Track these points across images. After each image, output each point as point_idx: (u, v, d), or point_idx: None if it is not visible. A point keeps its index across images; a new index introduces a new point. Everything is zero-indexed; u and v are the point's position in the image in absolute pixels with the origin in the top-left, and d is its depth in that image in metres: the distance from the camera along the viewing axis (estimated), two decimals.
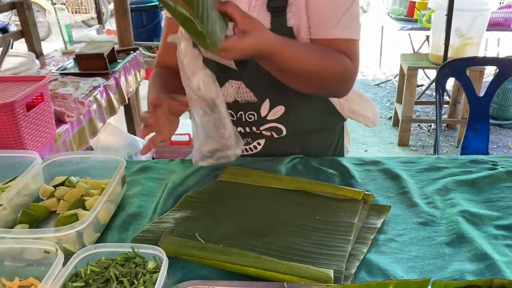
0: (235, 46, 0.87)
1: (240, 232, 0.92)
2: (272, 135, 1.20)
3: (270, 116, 1.16)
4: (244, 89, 1.14)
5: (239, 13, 0.87)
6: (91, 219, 0.88)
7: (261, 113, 1.15)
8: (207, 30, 0.82)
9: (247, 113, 1.16)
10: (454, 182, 1.10)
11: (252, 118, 1.16)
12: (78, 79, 2.02)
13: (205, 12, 0.81)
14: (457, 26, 3.35)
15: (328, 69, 1.02)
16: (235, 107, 1.16)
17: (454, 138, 3.87)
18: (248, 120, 1.16)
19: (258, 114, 1.15)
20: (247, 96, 1.14)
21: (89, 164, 1.15)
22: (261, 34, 0.89)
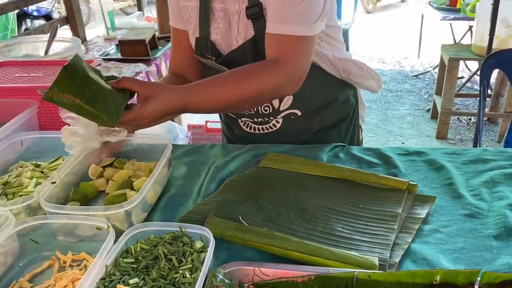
0: (140, 115, 0.94)
1: (282, 217, 0.93)
2: (289, 117, 1.23)
3: (282, 106, 1.20)
4: None
5: (137, 83, 0.97)
6: (140, 199, 0.91)
7: (274, 106, 1.19)
8: (100, 110, 0.89)
9: (262, 106, 1.19)
10: (502, 175, 1.07)
11: (267, 110, 1.20)
12: (120, 65, 2.06)
13: (95, 95, 0.89)
14: (504, 16, 3.23)
15: (253, 89, 1.02)
16: None
17: (495, 132, 3.74)
18: (264, 113, 1.21)
19: (272, 106, 1.19)
20: None
21: (135, 146, 1.19)
22: (163, 96, 0.95)
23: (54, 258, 0.85)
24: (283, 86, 1.04)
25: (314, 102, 1.23)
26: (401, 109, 4.30)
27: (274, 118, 1.23)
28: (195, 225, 0.82)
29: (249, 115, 1.23)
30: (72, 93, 0.88)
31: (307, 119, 1.24)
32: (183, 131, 2.64)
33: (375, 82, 1.27)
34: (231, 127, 1.36)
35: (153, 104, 0.94)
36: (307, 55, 1.05)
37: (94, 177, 1.10)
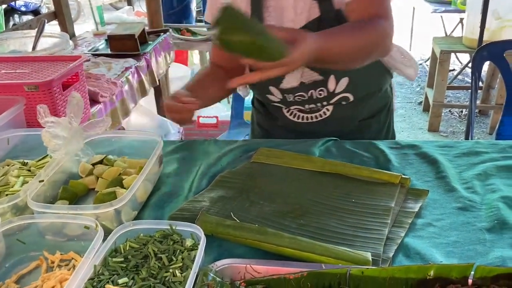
0: (292, 57, 0.87)
1: (274, 213, 0.92)
2: (340, 102, 1.23)
3: (338, 89, 1.19)
4: (307, 71, 1.16)
5: (282, 29, 0.95)
6: (129, 197, 0.89)
7: (329, 88, 1.18)
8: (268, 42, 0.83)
9: (317, 90, 1.19)
10: (494, 167, 1.07)
11: (322, 94, 1.19)
12: (110, 60, 2.04)
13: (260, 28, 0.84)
14: (494, 8, 3.23)
15: (369, 41, 1.03)
16: (303, 88, 1.19)
17: (486, 124, 3.76)
18: (319, 97, 1.20)
19: (327, 90, 1.19)
20: (312, 76, 1.17)
21: (126, 143, 1.17)
22: (307, 39, 0.90)
23: (41, 258, 0.84)
24: (389, 40, 1.08)
25: (366, 87, 1.24)
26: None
27: (325, 105, 1.22)
28: (186, 222, 0.81)
29: (301, 102, 1.21)
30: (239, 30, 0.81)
31: (356, 106, 1.25)
32: (174, 127, 2.62)
33: (413, 70, 1.28)
34: (274, 116, 1.32)
35: (301, 48, 0.88)
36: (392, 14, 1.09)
37: (83, 175, 1.08)
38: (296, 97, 1.20)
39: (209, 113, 2.97)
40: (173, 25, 2.92)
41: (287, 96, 1.20)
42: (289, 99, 1.21)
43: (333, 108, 1.23)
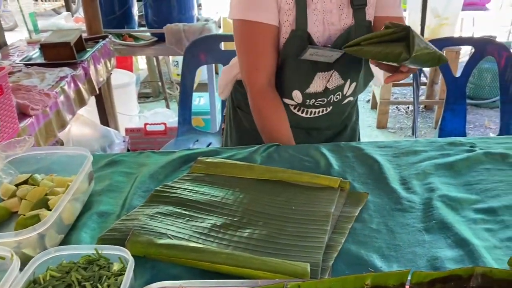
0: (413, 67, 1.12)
1: (213, 227, 0.88)
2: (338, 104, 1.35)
3: (348, 92, 1.31)
4: (336, 76, 1.26)
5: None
6: (53, 220, 0.82)
7: (344, 92, 1.30)
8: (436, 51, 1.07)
9: (335, 94, 1.29)
10: (433, 165, 1.07)
11: (338, 97, 1.31)
12: (44, 70, 1.92)
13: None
14: (433, 6, 3.35)
15: None
16: (326, 93, 1.28)
17: (432, 119, 3.89)
18: (335, 100, 1.31)
19: (342, 93, 1.30)
20: (337, 82, 1.27)
21: (55, 160, 1.09)
22: None
23: None
24: None
25: (360, 91, 1.36)
26: None
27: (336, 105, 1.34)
28: (112, 245, 0.75)
29: (319, 105, 1.31)
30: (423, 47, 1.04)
31: (352, 104, 1.39)
32: (119, 136, 2.52)
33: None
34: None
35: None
36: None
37: (5, 198, 0.99)
38: (317, 102, 1.29)
39: (156, 120, 2.89)
40: (114, 31, 2.82)
41: (308, 100, 1.28)
42: (308, 103, 1.29)
43: (332, 107, 1.34)
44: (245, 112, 1.40)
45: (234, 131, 1.46)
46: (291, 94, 1.27)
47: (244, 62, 1.27)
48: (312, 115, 1.35)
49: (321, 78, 1.25)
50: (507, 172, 1.04)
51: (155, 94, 4.26)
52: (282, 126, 1.26)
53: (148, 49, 2.83)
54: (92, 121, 2.48)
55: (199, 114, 2.91)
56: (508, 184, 1.00)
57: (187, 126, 2.38)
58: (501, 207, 0.92)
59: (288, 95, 1.27)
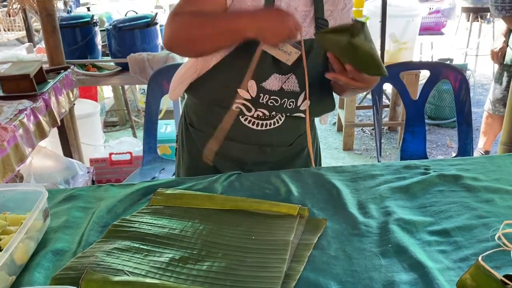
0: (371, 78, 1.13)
1: (171, 261, 0.87)
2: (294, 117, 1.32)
3: (302, 106, 1.28)
4: (293, 80, 1.24)
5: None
6: (4, 261, 0.79)
7: (298, 103, 1.27)
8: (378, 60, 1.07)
9: (289, 100, 1.25)
10: (389, 189, 1.10)
11: (291, 105, 1.26)
12: (1, 103, 1.88)
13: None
14: (391, 32, 3.47)
15: None
16: (281, 94, 1.24)
17: (395, 140, 3.98)
18: (288, 107, 1.26)
19: (295, 103, 1.26)
20: (294, 87, 1.25)
21: (8, 197, 1.06)
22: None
23: None
24: None
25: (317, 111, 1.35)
26: None
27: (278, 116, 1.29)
28: (66, 286, 0.73)
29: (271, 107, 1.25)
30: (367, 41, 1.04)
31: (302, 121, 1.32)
32: (83, 167, 2.47)
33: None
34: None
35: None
36: None
37: None
38: (270, 100, 1.24)
39: (122, 149, 2.86)
40: (77, 61, 2.80)
41: (261, 96, 1.23)
42: (261, 100, 1.24)
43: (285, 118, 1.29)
44: (198, 130, 1.36)
45: (186, 153, 1.41)
46: (247, 84, 1.20)
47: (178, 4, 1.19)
48: (263, 128, 1.29)
49: (277, 79, 1.23)
50: (459, 193, 1.08)
51: (122, 122, 4.22)
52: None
53: (112, 78, 2.82)
54: (54, 153, 2.43)
55: (166, 142, 2.89)
56: (460, 205, 1.03)
57: (153, 155, 2.36)
58: (454, 228, 0.95)
59: (244, 85, 1.19)
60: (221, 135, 1.19)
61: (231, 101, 1.22)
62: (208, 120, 1.31)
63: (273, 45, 1.11)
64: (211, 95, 1.28)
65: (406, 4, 3.69)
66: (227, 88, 1.22)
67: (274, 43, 1.11)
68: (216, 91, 1.26)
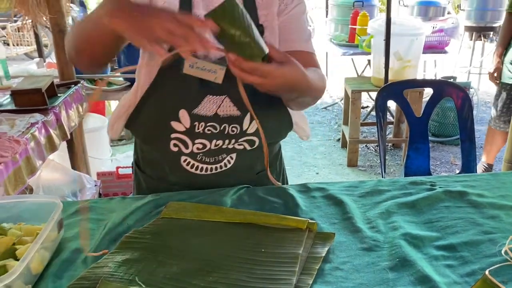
0: (275, 71, 0.94)
1: (183, 272, 0.89)
2: (245, 148, 1.22)
3: (250, 129, 1.19)
4: (228, 103, 1.14)
5: (274, 48, 0.98)
6: (21, 270, 0.82)
7: (243, 127, 1.18)
8: (253, 39, 0.92)
9: (230, 126, 1.16)
10: (396, 204, 1.12)
11: (235, 131, 1.17)
12: (14, 116, 1.92)
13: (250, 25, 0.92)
14: (395, 50, 3.52)
15: (320, 85, 1.15)
16: (217, 120, 1.15)
17: (400, 156, 4.00)
18: (230, 133, 1.17)
19: (240, 128, 1.18)
20: (230, 110, 1.15)
21: (23, 208, 1.08)
22: (294, 65, 0.99)
23: None
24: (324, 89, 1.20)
25: (272, 134, 1.22)
26: (314, 140, 4.47)
27: (234, 144, 1.19)
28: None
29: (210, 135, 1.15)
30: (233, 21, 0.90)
31: (257, 155, 1.24)
32: (91, 181, 2.50)
33: (308, 129, 1.36)
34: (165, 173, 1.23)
35: (288, 67, 0.96)
36: None
37: None
38: (207, 128, 1.14)
39: (129, 163, 2.89)
40: (86, 76, 2.85)
41: (197, 125, 1.13)
42: (197, 129, 1.14)
43: (236, 156, 1.21)
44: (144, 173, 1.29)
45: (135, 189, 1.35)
46: (178, 114, 1.13)
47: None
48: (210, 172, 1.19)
49: (211, 101, 1.12)
50: (465, 209, 1.10)
51: (128, 136, 4.26)
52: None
53: (121, 93, 2.87)
54: (62, 166, 2.46)
55: None
56: (466, 221, 1.05)
57: None
58: (460, 243, 0.97)
59: (175, 115, 1.13)
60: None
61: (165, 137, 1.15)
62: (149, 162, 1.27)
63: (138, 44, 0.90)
64: (145, 131, 1.20)
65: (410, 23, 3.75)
66: (158, 122, 1.14)
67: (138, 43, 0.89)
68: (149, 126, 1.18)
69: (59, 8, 2.44)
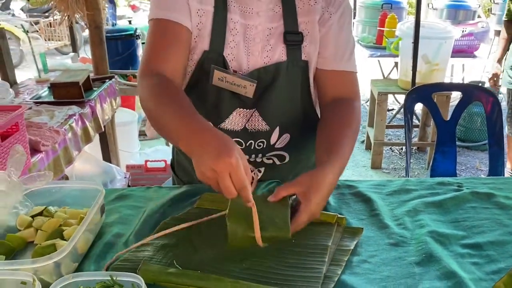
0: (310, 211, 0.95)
1: (217, 258, 0.94)
2: (274, 162, 1.20)
3: (278, 144, 1.17)
4: (257, 117, 1.11)
5: (292, 185, 0.96)
6: (69, 249, 0.88)
7: (270, 141, 1.16)
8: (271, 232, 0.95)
9: (257, 141, 1.14)
10: (423, 203, 1.15)
11: (261, 145, 1.15)
12: (53, 108, 2.01)
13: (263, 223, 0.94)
14: (424, 53, 3.51)
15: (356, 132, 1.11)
16: (244, 135, 1.13)
17: (424, 160, 3.98)
18: (257, 148, 1.15)
19: (267, 142, 1.15)
20: (259, 125, 1.13)
21: (67, 193, 1.15)
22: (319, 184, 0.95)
23: None
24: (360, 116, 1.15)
25: (304, 150, 1.21)
26: None
27: (262, 158, 1.18)
28: (126, 272, 0.81)
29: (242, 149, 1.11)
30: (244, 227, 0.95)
31: (288, 170, 1.20)
32: (121, 172, 2.59)
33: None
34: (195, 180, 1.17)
35: (315, 195, 0.94)
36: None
37: (22, 228, 1.05)
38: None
39: (157, 157, 2.97)
40: (119, 72, 2.94)
41: None
42: None
43: (265, 169, 1.21)
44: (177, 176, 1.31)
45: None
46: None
47: (145, 53, 1.06)
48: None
49: (240, 114, 1.10)
50: (491, 210, 1.12)
51: None
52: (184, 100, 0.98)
53: None
54: (94, 157, 2.55)
55: None
56: (492, 221, 1.07)
57: None
58: (486, 242, 0.99)
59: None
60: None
61: None
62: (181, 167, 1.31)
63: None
64: None
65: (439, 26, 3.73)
66: None
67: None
68: None
69: (96, 6, 2.53)
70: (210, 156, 0.82)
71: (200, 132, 0.87)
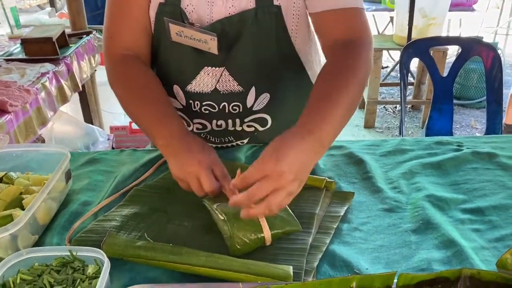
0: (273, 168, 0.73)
1: (193, 229, 0.85)
2: (256, 129, 1.09)
3: (256, 106, 1.04)
4: (227, 77, 1.00)
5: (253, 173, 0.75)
6: (27, 220, 0.79)
7: (247, 104, 1.03)
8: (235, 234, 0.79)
9: (231, 104, 1.03)
10: (420, 165, 1.06)
11: (236, 109, 1.04)
12: (24, 66, 1.88)
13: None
14: (421, 7, 3.35)
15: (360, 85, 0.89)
16: (216, 98, 1.02)
17: (419, 119, 3.90)
18: (232, 112, 1.04)
19: (243, 105, 1.03)
20: (231, 86, 1.01)
21: (32, 158, 1.05)
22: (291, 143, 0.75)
23: None
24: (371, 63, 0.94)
25: (288, 109, 1.05)
26: None
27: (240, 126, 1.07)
28: (88, 247, 0.72)
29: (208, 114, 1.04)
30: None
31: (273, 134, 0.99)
32: (103, 134, 2.48)
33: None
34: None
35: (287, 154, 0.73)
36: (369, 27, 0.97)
37: None
38: (204, 107, 1.03)
39: None
40: (98, 27, 2.76)
41: (192, 103, 1.03)
42: (194, 107, 1.03)
43: (248, 140, 1.12)
44: None
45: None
46: (173, 90, 1.03)
47: (106, 27, 1.01)
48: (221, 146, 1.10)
49: (209, 74, 0.99)
50: (494, 171, 1.03)
51: None
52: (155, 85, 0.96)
53: None
54: (75, 118, 2.43)
55: None
56: (495, 183, 0.98)
57: None
58: (488, 207, 0.91)
59: (170, 91, 1.03)
60: None
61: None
62: None
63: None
64: None
65: None
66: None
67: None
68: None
69: None
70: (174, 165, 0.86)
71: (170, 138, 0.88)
